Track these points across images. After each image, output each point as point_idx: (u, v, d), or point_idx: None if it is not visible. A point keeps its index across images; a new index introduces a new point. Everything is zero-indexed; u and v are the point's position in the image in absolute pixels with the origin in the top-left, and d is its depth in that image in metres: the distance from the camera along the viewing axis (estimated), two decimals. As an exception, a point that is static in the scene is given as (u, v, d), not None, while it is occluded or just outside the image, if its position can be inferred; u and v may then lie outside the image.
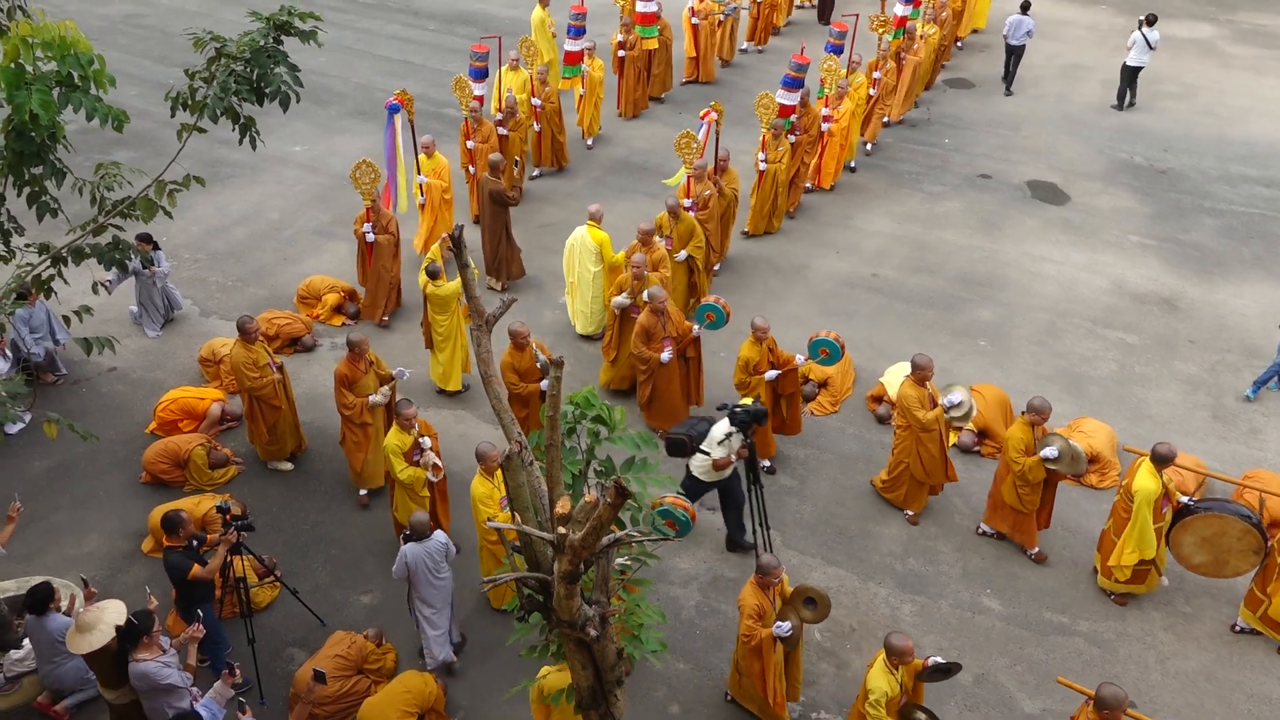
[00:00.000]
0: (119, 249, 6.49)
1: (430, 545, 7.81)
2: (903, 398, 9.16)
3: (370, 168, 11.37)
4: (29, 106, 5.25)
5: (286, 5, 6.21)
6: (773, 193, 13.67)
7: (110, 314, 11.95)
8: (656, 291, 10.02)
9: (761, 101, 13.24)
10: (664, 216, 11.63)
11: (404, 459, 8.52)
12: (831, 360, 9.63)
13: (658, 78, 17.68)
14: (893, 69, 15.83)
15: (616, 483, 4.41)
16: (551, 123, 15.05)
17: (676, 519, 7.37)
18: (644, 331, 10.05)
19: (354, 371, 9.28)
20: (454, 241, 5.43)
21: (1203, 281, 13.31)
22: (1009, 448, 8.79)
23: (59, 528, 9.52)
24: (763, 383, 9.66)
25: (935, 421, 9.06)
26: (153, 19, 21.84)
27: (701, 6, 17.93)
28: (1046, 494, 8.98)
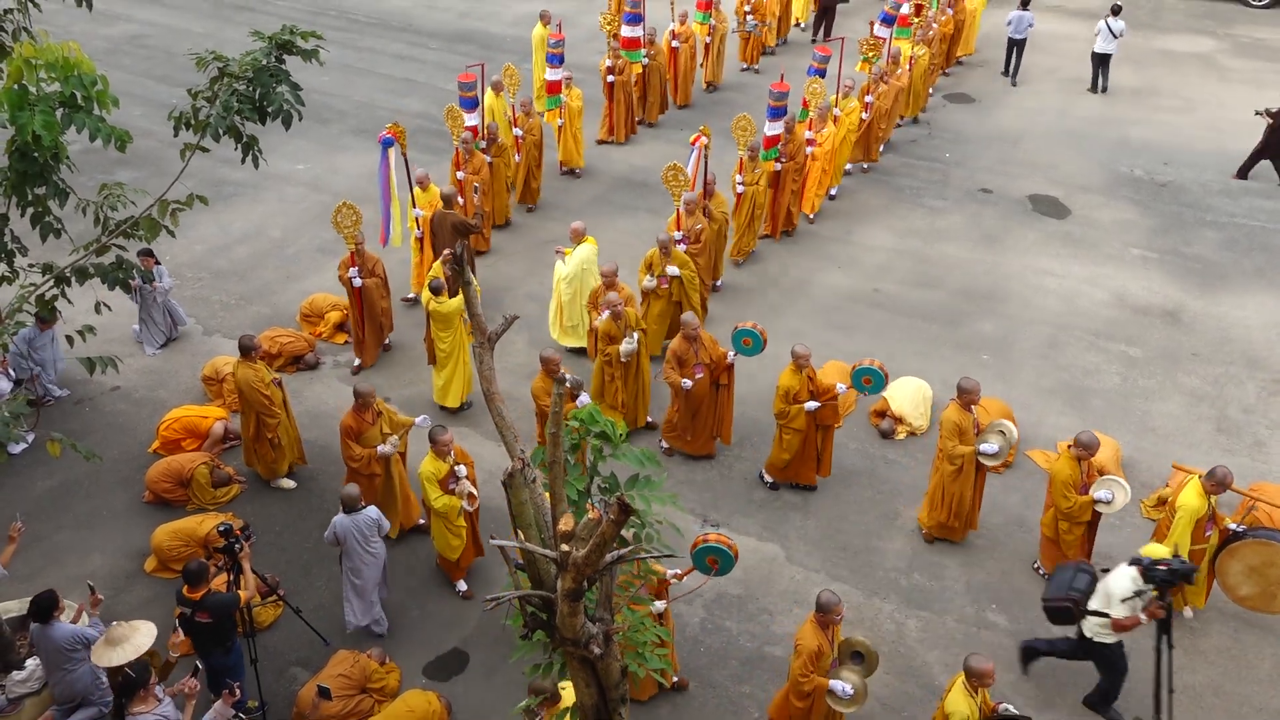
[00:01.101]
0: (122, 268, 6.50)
1: (360, 518, 8.20)
2: (944, 421, 8.98)
3: (351, 209, 10.94)
4: (32, 127, 5.28)
5: (288, 25, 6.24)
6: (750, 215, 13.37)
7: (113, 333, 11.96)
8: (688, 318, 9.83)
9: (739, 123, 12.91)
10: (654, 253, 11.24)
11: (439, 487, 8.33)
12: (875, 389, 9.48)
13: (652, 104, 17.51)
14: (884, 92, 15.68)
15: (619, 499, 4.40)
16: (529, 156, 14.57)
17: (720, 556, 7.27)
18: (675, 357, 9.87)
19: (360, 423, 8.99)
20: (455, 259, 5.43)
21: (1205, 294, 13.30)
22: (1056, 484, 8.50)
23: (61, 547, 9.50)
24: (802, 412, 9.52)
25: (963, 459, 8.89)
26: (156, 39, 21.96)
27: (682, 30, 17.78)
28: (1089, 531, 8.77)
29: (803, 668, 7.07)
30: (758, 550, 9.48)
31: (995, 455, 8.92)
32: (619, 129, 17.11)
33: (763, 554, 9.45)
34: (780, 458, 9.84)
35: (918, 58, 16.85)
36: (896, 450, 10.65)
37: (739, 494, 10.15)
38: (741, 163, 13.07)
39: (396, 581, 9.19)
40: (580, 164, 16.09)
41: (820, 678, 7.10)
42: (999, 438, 8.97)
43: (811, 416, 9.58)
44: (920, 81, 17.36)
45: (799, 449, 9.73)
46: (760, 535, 9.66)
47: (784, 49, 21.14)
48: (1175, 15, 23.57)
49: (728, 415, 10.38)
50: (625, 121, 17.11)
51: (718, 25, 18.35)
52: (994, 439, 8.98)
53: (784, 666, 8.37)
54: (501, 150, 13.92)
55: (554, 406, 5.00)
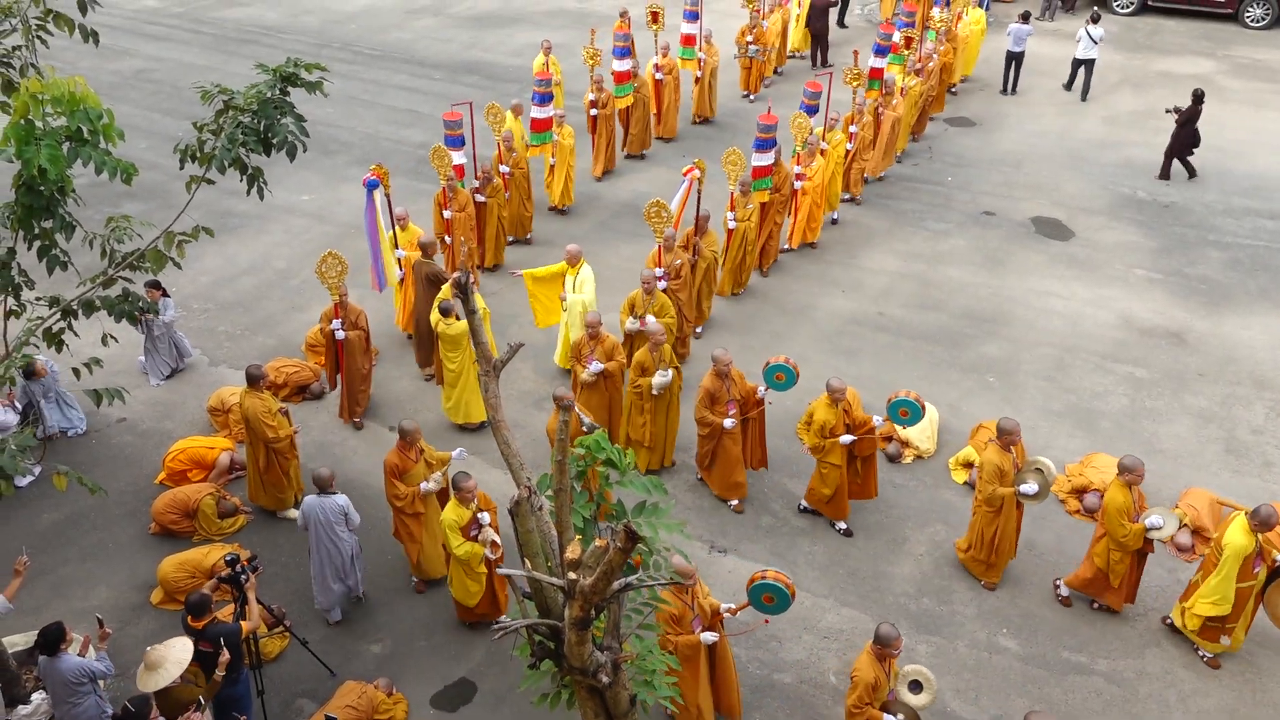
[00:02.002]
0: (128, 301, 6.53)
1: (328, 502, 8.44)
2: (984, 464, 8.82)
3: (336, 259, 10.58)
4: (38, 161, 5.32)
5: (293, 57, 6.30)
6: (741, 252, 13.24)
7: (120, 365, 11.99)
8: (719, 354, 9.64)
9: (728, 158, 12.67)
10: (637, 294, 10.96)
11: (461, 534, 8.19)
12: (913, 421, 9.31)
13: (635, 137, 17.39)
14: (869, 123, 15.52)
15: (626, 527, 4.38)
16: (520, 189, 14.47)
17: (776, 594, 7.19)
18: (708, 395, 9.69)
19: (404, 461, 8.80)
20: (460, 287, 5.45)
21: (1210, 314, 13.28)
22: (1109, 513, 8.37)
23: (67, 580, 9.48)
24: (838, 446, 9.40)
25: (1001, 500, 8.74)
26: (162, 73, 22.16)
27: (665, 62, 17.70)
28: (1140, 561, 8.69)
29: (859, 700, 7.01)
30: (766, 576, 9.43)
31: (1036, 495, 8.74)
32: (600, 162, 16.84)
33: (771, 580, 9.39)
34: (821, 492, 9.70)
35: (909, 88, 16.67)
36: (904, 474, 10.62)
37: (746, 520, 10.11)
38: (733, 199, 12.89)
39: (402, 612, 9.15)
40: (570, 201, 15.85)
41: (875, 710, 7.03)
42: (1037, 476, 8.77)
43: (848, 450, 9.47)
44: (910, 112, 17.14)
45: (840, 483, 9.59)
46: (768, 561, 9.61)
47: (782, 78, 21.19)
48: (1175, 37, 23.69)
49: (760, 445, 10.23)
50: (605, 154, 16.86)
51: (708, 59, 18.20)
52: (1032, 478, 8.77)
53: (793, 694, 8.31)
54: (496, 190, 13.70)
55: (559, 434, 5.00)
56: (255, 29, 24.86)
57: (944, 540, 9.76)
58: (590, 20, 23.69)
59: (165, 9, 26.63)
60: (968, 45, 20.23)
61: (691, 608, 7.41)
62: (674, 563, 7.16)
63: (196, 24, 25.44)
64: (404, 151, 18.19)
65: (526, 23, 24.88)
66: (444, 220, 13.07)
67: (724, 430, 9.75)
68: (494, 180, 13.71)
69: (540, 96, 14.84)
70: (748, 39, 19.48)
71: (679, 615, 7.35)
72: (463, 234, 12.98)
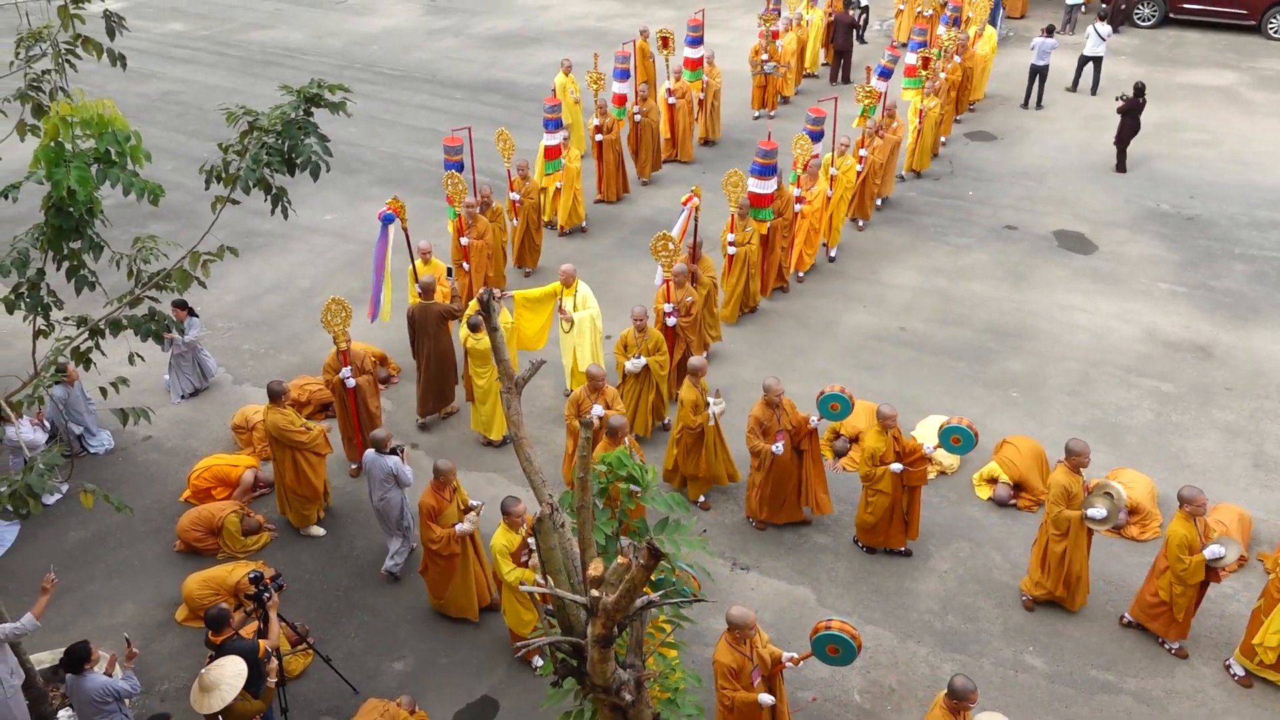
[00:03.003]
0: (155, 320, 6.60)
1: (380, 461, 9.04)
2: (1052, 484, 8.61)
3: (341, 306, 10.23)
4: (67, 183, 5.40)
5: (316, 78, 6.37)
6: (744, 277, 13.05)
7: (145, 384, 12.10)
8: (771, 383, 9.51)
9: (729, 180, 12.52)
10: (629, 333, 10.64)
11: (512, 559, 8.08)
12: (965, 449, 9.21)
13: (644, 161, 17.22)
14: (879, 146, 15.28)
15: (649, 544, 4.37)
16: (529, 219, 14.26)
17: (841, 645, 7.05)
18: (758, 424, 9.54)
19: (439, 502, 8.66)
20: (483, 305, 5.47)
21: (1237, 328, 13.15)
22: (1171, 546, 8.14)
23: (94, 597, 9.55)
24: (889, 474, 9.21)
25: (1068, 523, 8.54)
26: (188, 96, 22.45)
27: (678, 86, 17.64)
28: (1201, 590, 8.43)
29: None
30: (788, 593, 9.38)
31: (1103, 520, 8.52)
32: (610, 188, 16.67)
33: (793, 597, 9.34)
34: (865, 520, 9.54)
35: (928, 110, 16.56)
36: (927, 490, 10.52)
37: (768, 536, 10.07)
38: (732, 220, 12.75)
39: (425, 630, 9.16)
40: (580, 220, 15.78)
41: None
42: (1106, 500, 8.54)
43: (898, 478, 9.29)
44: (931, 133, 17.04)
45: (886, 512, 9.41)
46: (790, 578, 9.57)
47: (800, 99, 21.13)
48: (1197, 49, 23.56)
49: (820, 482, 9.95)
50: (616, 180, 16.70)
51: (710, 82, 18.13)
52: (1100, 502, 8.54)
53: (817, 712, 8.23)
54: (496, 215, 13.53)
55: (581, 450, 5.00)
56: (280, 51, 25.16)
57: (968, 556, 9.68)
58: (610, 39, 23.86)
59: (191, 32, 27.00)
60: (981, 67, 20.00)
61: (750, 658, 7.17)
62: (732, 613, 7.08)
63: (222, 47, 25.78)
64: (425, 170, 18.32)
65: (547, 42, 25.06)
66: (461, 247, 13.00)
67: (774, 458, 9.55)
68: (493, 204, 13.52)
69: (550, 123, 14.85)
70: (762, 56, 19.47)
71: (737, 668, 7.12)
72: (479, 261, 12.91)
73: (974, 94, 20.05)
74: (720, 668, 7.14)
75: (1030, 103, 20.36)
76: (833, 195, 14.22)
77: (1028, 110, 20.30)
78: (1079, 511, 8.55)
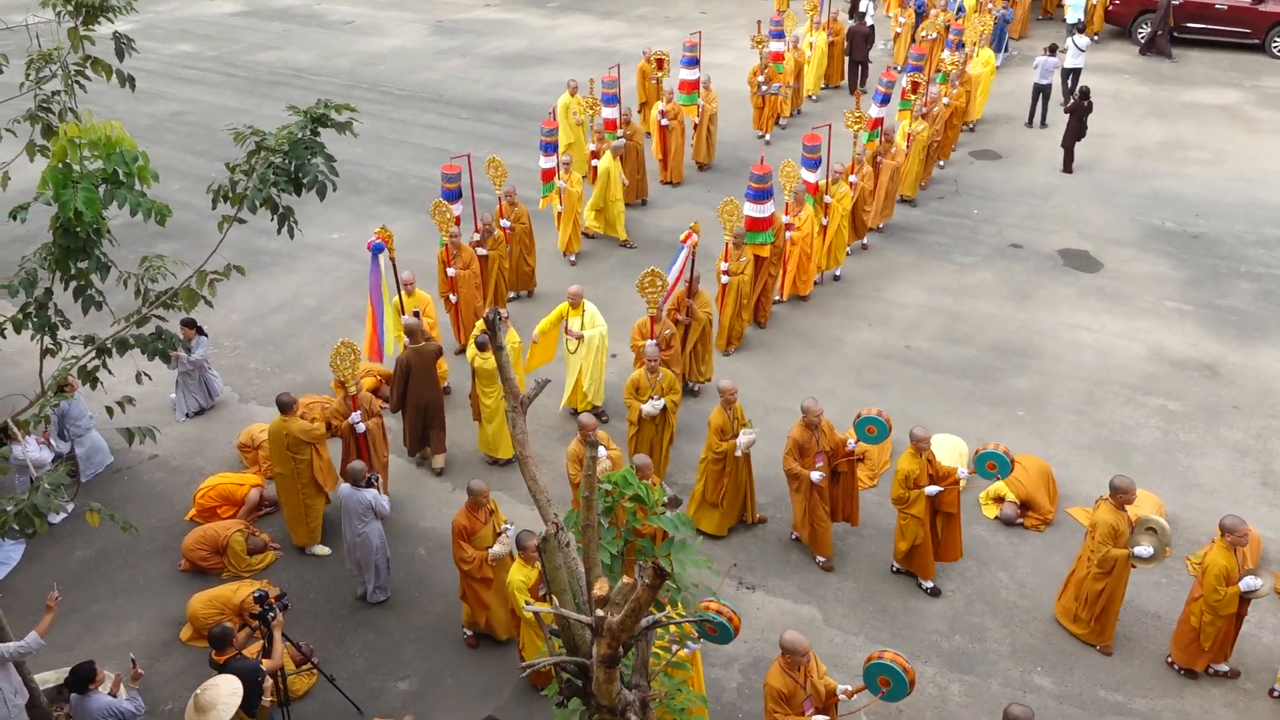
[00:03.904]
0: (162, 339, 6.62)
1: (356, 495, 8.97)
2: (1098, 523, 8.42)
3: (350, 349, 10.00)
4: (74, 204, 5.43)
5: (323, 99, 6.41)
6: (737, 306, 12.86)
7: (152, 402, 12.11)
8: (809, 404, 9.35)
9: (725, 208, 12.39)
10: (640, 375, 10.32)
11: (529, 594, 7.96)
12: (1002, 474, 9.10)
13: (632, 184, 16.88)
14: (869, 173, 15.05)
15: (654, 563, 4.36)
16: (521, 244, 14.07)
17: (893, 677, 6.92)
18: (796, 446, 9.40)
19: (473, 523, 8.55)
20: (489, 325, 5.48)
21: (1243, 346, 13.12)
22: (1209, 577, 8.00)
23: (99, 617, 9.54)
24: (923, 498, 9.06)
25: (1114, 562, 8.38)
26: (196, 116, 22.58)
27: (670, 107, 17.51)
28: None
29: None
30: (794, 613, 9.34)
31: (1151, 559, 8.35)
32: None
33: (800, 616, 9.30)
34: (899, 547, 9.40)
35: (916, 134, 16.39)
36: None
37: (774, 555, 10.04)
38: (727, 249, 12.58)
39: (429, 649, 9.13)
40: (577, 249, 15.66)
41: None
42: (1150, 537, 8.37)
43: (932, 502, 9.17)
44: (918, 158, 16.74)
45: (921, 537, 9.24)
46: (797, 597, 9.53)
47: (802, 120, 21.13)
48: (1200, 68, 23.62)
49: (854, 500, 9.87)
50: None
51: (706, 105, 18.03)
52: (1146, 539, 8.37)
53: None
54: (498, 243, 13.40)
55: (587, 470, 5.00)
56: (287, 71, 25.32)
57: (975, 576, 9.63)
58: (617, 59, 23.97)
59: (200, 53, 27.20)
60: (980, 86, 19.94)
61: (804, 686, 7.06)
62: (786, 638, 6.99)
63: (230, 67, 25.95)
64: (431, 189, 18.34)
65: (554, 62, 25.19)
66: (449, 278, 12.73)
67: (812, 484, 9.44)
68: (494, 233, 13.39)
69: (546, 146, 14.77)
70: (760, 78, 19.48)
71: (789, 693, 7.01)
72: (467, 292, 12.67)
73: (971, 115, 19.96)
74: (771, 691, 7.02)
75: (1034, 121, 20.43)
76: (829, 222, 14.05)
77: (1032, 129, 20.36)
78: (1125, 551, 8.37)
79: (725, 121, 20.19)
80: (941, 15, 22.16)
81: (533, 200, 16.61)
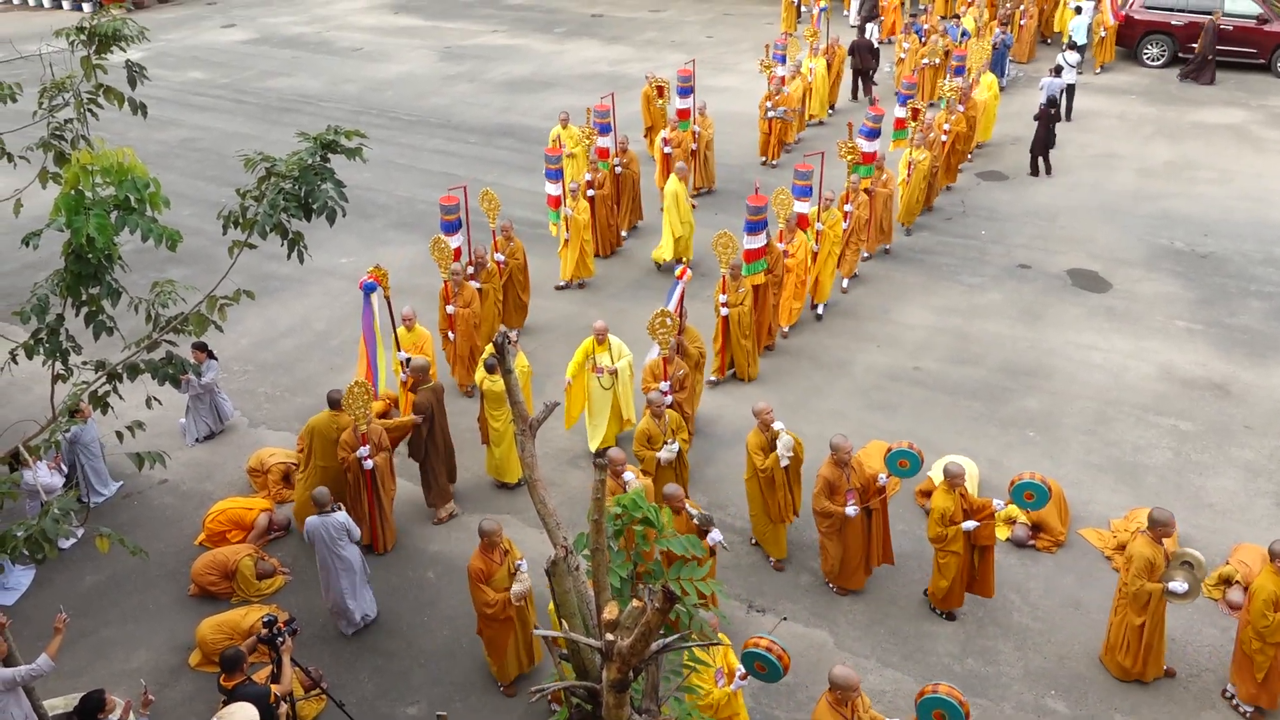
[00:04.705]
0: (172, 364, 6.64)
1: (329, 520, 8.97)
2: (1135, 556, 8.21)
3: (364, 388, 9.95)
4: (86, 230, 5.46)
5: (333, 125, 6.45)
6: (738, 337, 12.68)
7: (162, 427, 12.15)
8: (840, 441, 9.19)
9: (719, 240, 12.26)
10: (650, 424, 10.03)
11: None
12: (1039, 504, 9.00)
13: (624, 213, 16.82)
14: (865, 201, 14.85)
15: (664, 587, 4.34)
16: (516, 280, 13.89)
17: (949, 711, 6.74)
18: (826, 484, 9.22)
19: (489, 564, 8.42)
20: (498, 348, 5.50)
21: (1255, 365, 13.07)
22: (1256, 600, 7.85)
23: (108, 643, 9.53)
24: (960, 534, 8.88)
25: (1149, 596, 8.17)
26: (207, 142, 22.76)
27: (673, 135, 17.45)
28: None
29: None
30: (805, 636, 9.28)
31: (1185, 595, 8.18)
32: (601, 243, 16.35)
33: (811, 640, 9.25)
34: (940, 586, 9.18)
35: (917, 163, 16.30)
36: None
37: (784, 579, 9.99)
38: (724, 282, 12.46)
39: (438, 674, 9.10)
40: (588, 274, 15.59)
41: None
42: (1185, 572, 8.19)
43: (968, 537, 9.00)
44: (920, 186, 16.59)
45: (960, 573, 9.09)
46: (808, 621, 9.47)
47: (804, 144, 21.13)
48: (1207, 88, 23.64)
49: (886, 536, 9.67)
50: (606, 236, 16.41)
51: (702, 132, 17.92)
52: (1180, 575, 8.19)
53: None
54: (491, 276, 13.23)
55: (595, 493, 4.99)
56: (297, 98, 25.52)
57: (987, 599, 9.55)
58: (624, 84, 24.13)
59: (211, 80, 27.44)
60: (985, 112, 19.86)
61: None
62: (836, 673, 6.91)
63: (240, 94, 26.17)
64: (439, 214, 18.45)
65: (560, 87, 25.34)
66: (447, 316, 12.56)
67: (846, 520, 9.27)
68: (488, 265, 13.23)
69: (551, 173, 14.69)
70: (767, 105, 19.50)
71: None
72: (465, 330, 12.50)
73: (982, 134, 19.96)
74: None
75: None
76: (819, 250, 13.94)
77: (1040, 149, 20.34)
78: (1160, 585, 8.19)
79: (733, 144, 20.25)
80: (941, 40, 22.16)
81: (537, 228, 16.70)
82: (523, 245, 14.09)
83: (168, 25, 33.01)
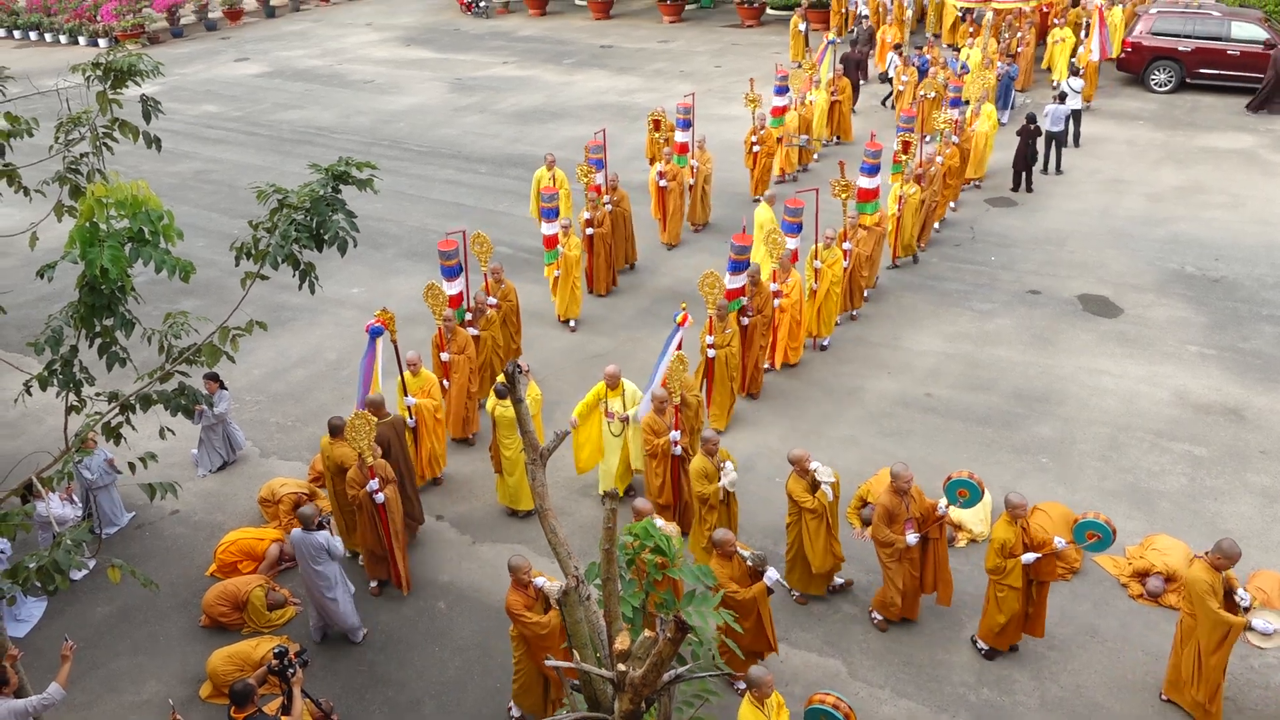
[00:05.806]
0: (184, 395, 6.67)
1: (310, 538, 9.19)
2: (1193, 582, 7.97)
3: (365, 420, 9.68)
4: (100, 262, 5.51)
5: (344, 156, 6.51)
6: (725, 379, 12.42)
7: (173, 458, 12.19)
8: (900, 470, 9.02)
9: (706, 281, 11.95)
10: (704, 463, 9.78)
11: None
12: (1103, 546, 8.59)
13: (618, 251, 16.54)
14: (864, 237, 14.72)
15: (676, 617, 4.32)
16: (509, 323, 13.60)
17: None
18: (886, 513, 9.08)
19: (527, 599, 8.40)
20: (508, 377, 5.51)
21: (1269, 390, 12.99)
22: None
23: (118, 674, 9.51)
24: (1019, 567, 8.63)
25: (1227, 629, 7.82)
26: (220, 174, 22.96)
27: (669, 169, 17.26)
28: None
29: None
30: (819, 665, 9.21)
31: (1272, 635, 7.87)
32: (599, 281, 16.20)
33: (825, 669, 9.17)
34: (996, 620, 8.89)
35: (908, 196, 16.13)
36: (958, 558, 10.37)
37: (797, 606, 9.92)
38: (710, 323, 12.23)
39: (450, 704, 9.04)
40: (577, 314, 15.37)
41: None
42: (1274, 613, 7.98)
43: (1027, 570, 8.74)
44: (911, 220, 16.38)
45: (1016, 608, 8.80)
46: (821, 650, 9.40)
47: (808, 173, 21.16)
48: (1214, 113, 23.68)
49: (945, 572, 9.39)
50: (605, 274, 16.21)
51: (700, 166, 17.76)
52: (1269, 616, 7.94)
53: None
54: (490, 322, 12.98)
55: (606, 524, 4.97)
56: (309, 130, 25.75)
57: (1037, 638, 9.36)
58: (632, 114, 24.30)
59: (224, 113, 27.71)
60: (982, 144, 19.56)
61: None
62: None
63: (253, 127, 26.42)
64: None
65: (570, 117, 25.52)
66: (442, 364, 12.24)
67: (905, 550, 9.07)
68: (486, 312, 12.98)
69: (547, 212, 14.56)
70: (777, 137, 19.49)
71: None
72: (460, 378, 12.23)
73: (976, 171, 19.58)
74: None
75: (1049, 168, 20.48)
76: (819, 288, 13.81)
77: (1046, 175, 20.39)
78: (1244, 620, 7.87)
79: (736, 175, 20.23)
80: (941, 73, 22.09)
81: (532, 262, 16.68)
82: (514, 286, 13.76)
83: (182, 60, 33.40)
